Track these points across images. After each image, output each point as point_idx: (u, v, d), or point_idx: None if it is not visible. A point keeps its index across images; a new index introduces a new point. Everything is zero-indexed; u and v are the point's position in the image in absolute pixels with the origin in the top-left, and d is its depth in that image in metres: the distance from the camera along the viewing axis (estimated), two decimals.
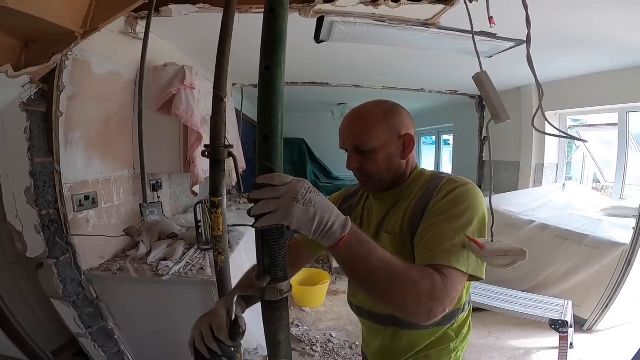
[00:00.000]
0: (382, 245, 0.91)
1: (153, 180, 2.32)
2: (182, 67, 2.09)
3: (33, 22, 1.21)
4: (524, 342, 2.68)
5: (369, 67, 3.34)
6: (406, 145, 0.93)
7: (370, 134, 0.90)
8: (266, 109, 0.70)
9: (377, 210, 1.01)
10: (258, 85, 0.70)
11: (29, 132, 1.41)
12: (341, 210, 1.09)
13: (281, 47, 0.69)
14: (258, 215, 0.64)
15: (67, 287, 1.60)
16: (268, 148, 0.70)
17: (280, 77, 0.70)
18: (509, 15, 1.29)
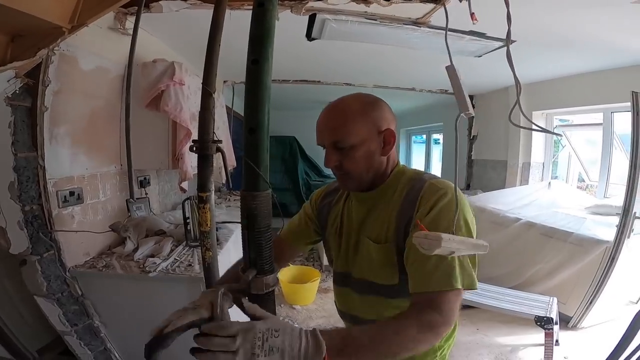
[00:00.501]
0: (367, 251, 0.92)
1: (141, 176, 2.30)
2: (172, 63, 2.07)
3: (20, 17, 1.19)
4: (511, 339, 2.72)
5: (361, 65, 3.35)
6: (387, 141, 0.89)
7: (349, 130, 0.85)
8: (253, 102, 0.70)
9: (357, 211, 0.98)
10: (245, 79, 0.71)
11: (13, 126, 1.39)
12: (321, 207, 1.10)
13: (269, 41, 0.70)
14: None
15: (52, 284, 1.57)
16: (254, 140, 0.71)
17: (267, 71, 0.70)
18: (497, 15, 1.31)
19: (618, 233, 2.54)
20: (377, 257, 0.90)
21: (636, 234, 2.57)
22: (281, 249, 1.12)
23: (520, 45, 2.28)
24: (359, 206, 0.98)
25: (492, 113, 4.27)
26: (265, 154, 0.72)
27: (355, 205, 0.99)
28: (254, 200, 0.71)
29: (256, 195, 0.71)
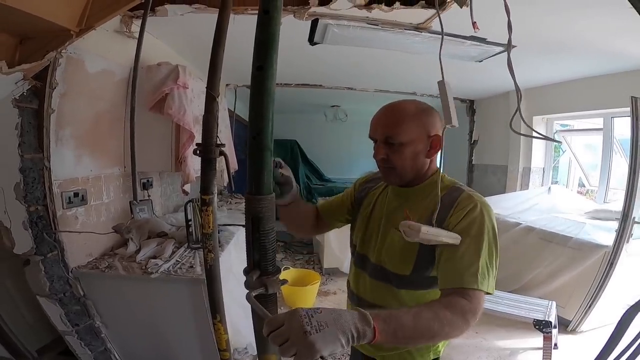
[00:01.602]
0: (391, 240, 0.99)
1: (144, 178, 2.32)
2: (176, 66, 2.10)
3: (29, 20, 1.21)
4: (510, 343, 2.72)
5: (362, 70, 3.37)
6: (433, 145, 0.97)
7: (403, 128, 0.93)
8: (257, 107, 0.72)
9: (391, 202, 1.06)
10: (250, 85, 0.72)
11: (20, 128, 1.41)
12: (362, 189, 1.19)
13: (273, 48, 0.72)
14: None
15: (54, 284, 1.59)
16: (258, 145, 0.73)
17: (271, 77, 0.72)
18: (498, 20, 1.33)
19: (617, 238, 2.55)
20: (399, 248, 0.97)
21: (635, 239, 2.58)
22: (318, 219, 1.25)
23: (520, 50, 2.30)
24: (394, 199, 1.06)
25: (493, 118, 4.29)
26: (270, 158, 0.74)
27: (391, 197, 1.07)
28: (259, 203, 0.73)
29: (261, 198, 0.73)
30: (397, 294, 0.99)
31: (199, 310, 1.74)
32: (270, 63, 0.72)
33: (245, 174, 0.75)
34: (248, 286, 0.77)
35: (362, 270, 1.10)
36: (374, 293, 1.05)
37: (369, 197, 1.15)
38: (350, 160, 7.27)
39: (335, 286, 3.88)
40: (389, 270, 1.00)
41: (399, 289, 0.99)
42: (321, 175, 7.13)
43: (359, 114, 5.89)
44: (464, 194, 0.93)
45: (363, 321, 0.63)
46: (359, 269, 1.11)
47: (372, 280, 1.05)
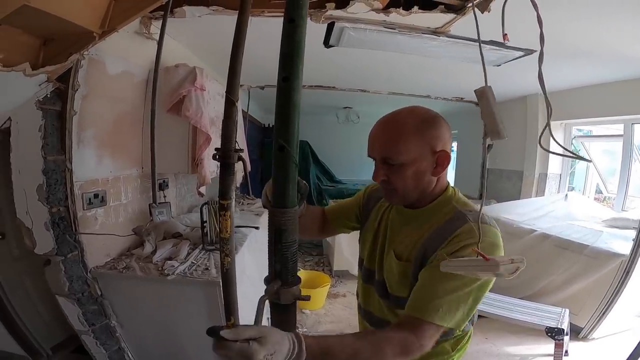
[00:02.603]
0: (389, 262, 0.95)
1: (160, 179, 2.33)
2: (194, 68, 2.11)
3: (53, 22, 1.22)
4: (520, 349, 2.71)
5: (376, 72, 3.35)
6: (440, 162, 0.87)
7: (401, 148, 0.83)
8: (283, 120, 0.72)
9: (394, 221, 1.00)
10: (276, 96, 0.72)
11: (44, 130, 1.43)
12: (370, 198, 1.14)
13: (299, 58, 0.71)
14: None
15: (73, 284, 1.61)
16: (283, 158, 0.73)
17: (297, 89, 0.71)
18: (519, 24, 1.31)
19: (634, 246, 2.51)
20: (395, 271, 0.93)
21: None
22: (325, 220, 1.19)
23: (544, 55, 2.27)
24: (398, 217, 0.99)
25: (509, 122, 4.18)
26: (294, 171, 0.73)
27: (394, 215, 1.01)
28: (282, 216, 0.73)
29: (285, 211, 0.74)
30: (399, 314, 0.92)
31: (213, 312, 1.75)
32: (296, 74, 0.71)
33: (257, 175, 0.75)
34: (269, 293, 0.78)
35: (369, 285, 1.05)
36: (381, 308, 1.01)
37: (377, 210, 1.08)
38: (362, 162, 7.21)
39: (344, 289, 3.88)
40: (389, 291, 0.96)
41: (397, 308, 0.94)
42: (332, 176, 7.12)
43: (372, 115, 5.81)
44: (466, 226, 0.82)
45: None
46: (367, 284, 1.06)
47: (378, 296, 1.01)
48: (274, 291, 0.76)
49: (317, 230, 1.21)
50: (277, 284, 0.77)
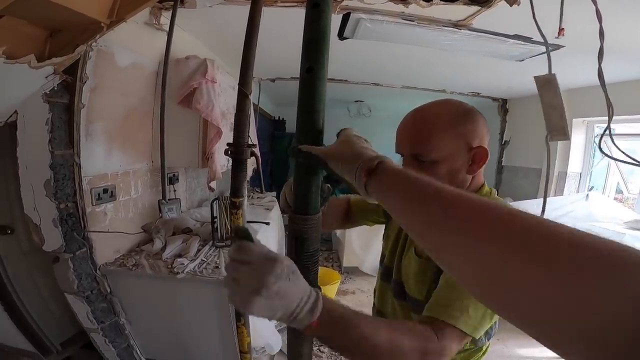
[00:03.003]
0: (408, 260, 0.88)
1: (170, 173, 2.30)
2: (204, 60, 2.05)
3: (59, 11, 1.18)
4: (532, 351, 2.66)
5: (390, 65, 3.26)
6: (476, 159, 0.79)
7: (434, 144, 0.76)
8: (307, 116, 0.65)
9: None
10: (299, 88, 0.65)
11: (51, 123, 1.39)
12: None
13: (324, 47, 0.63)
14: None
15: (82, 282, 1.58)
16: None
17: (322, 79, 0.64)
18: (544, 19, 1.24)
19: None
20: (414, 269, 0.86)
21: None
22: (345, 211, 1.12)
23: (562, 50, 2.17)
24: None
25: (528, 118, 4.10)
26: (320, 176, 0.66)
27: None
28: (304, 224, 0.66)
29: (307, 218, 0.66)
30: (413, 317, 0.87)
31: (223, 311, 1.71)
32: (321, 64, 0.63)
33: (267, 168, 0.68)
34: None
35: (386, 283, 0.99)
36: (394, 311, 0.95)
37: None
38: None
39: (354, 285, 3.83)
40: (406, 291, 0.89)
41: (414, 312, 0.87)
42: None
43: (384, 109, 5.77)
44: None
45: (308, 312, 0.54)
46: (384, 282, 1.00)
47: (394, 297, 0.94)
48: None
49: (340, 221, 1.14)
50: None
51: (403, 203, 0.45)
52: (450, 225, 0.37)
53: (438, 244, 0.39)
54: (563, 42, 2.04)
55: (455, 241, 0.36)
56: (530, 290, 0.29)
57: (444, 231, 0.38)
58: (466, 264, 0.35)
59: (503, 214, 0.33)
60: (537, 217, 0.32)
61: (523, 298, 0.29)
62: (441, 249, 0.39)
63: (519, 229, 0.31)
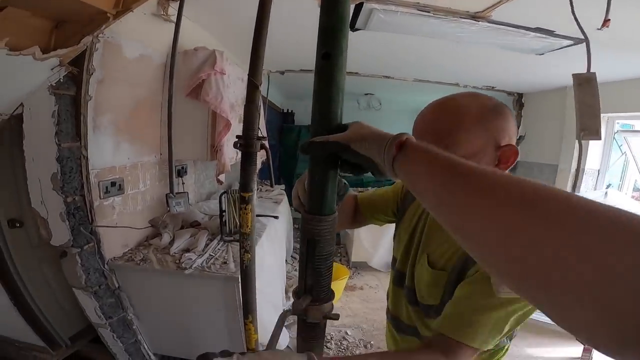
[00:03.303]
0: (420, 267, 0.85)
1: (178, 165, 2.28)
2: (213, 51, 2.01)
3: (64, 2, 1.15)
4: (542, 351, 2.62)
5: (402, 57, 3.18)
6: (504, 159, 0.72)
7: (462, 137, 0.69)
8: (323, 105, 0.59)
9: (432, 223, 0.88)
10: (315, 77, 0.59)
11: (57, 116, 1.36)
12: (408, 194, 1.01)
13: (343, 31, 0.57)
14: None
15: (90, 276, 1.57)
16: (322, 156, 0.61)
17: (341, 67, 0.58)
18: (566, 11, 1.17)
19: None
20: (426, 278, 0.82)
21: None
22: (353, 210, 1.08)
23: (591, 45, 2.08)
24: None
25: (545, 113, 4.00)
26: (337, 172, 0.62)
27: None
28: (318, 224, 0.62)
29: (321, 219, 0.62)
30: (427, 323, 0.85)
31: (230, 308, 1.70)
32: (339, 50, 0.57)
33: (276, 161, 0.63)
34: (295, 310, 0.68)
35: (399, 288, 0.96)
36: (409, 315, 0.91)
37: (415, 206, 0.96)
38: None
39: (362, 281, 3.81)
40: (418, 299, 0.86)
41: (427, 318, 0.84)
42: None
43: (394, 102, 5.68)
44: None
45: None
46: (397, 287, 0.97)
47: (408, 303, 0.91)
48: (302, 308, 0.67)
49: (349, 221, 1.10)
50: (307, 301, 0.67)
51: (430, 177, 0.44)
52: (478, 192, 0.36)
53: (465, 214, 0.37)
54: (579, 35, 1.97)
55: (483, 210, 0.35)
56: (559, 263, 0.28)
57: (470, 197, 0.37)
58: (491, 232, 0.34)
59: (528, 183, 0.33)
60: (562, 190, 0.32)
61: (551, 271, 0.28)
62: (466, 220, 0.37)
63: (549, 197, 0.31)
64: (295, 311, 0.68)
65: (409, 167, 0.47)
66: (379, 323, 3.01)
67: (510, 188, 0.34)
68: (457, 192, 0.38)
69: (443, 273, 0.78)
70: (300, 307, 0.67)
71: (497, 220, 0.33)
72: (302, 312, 0.67)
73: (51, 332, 1.80)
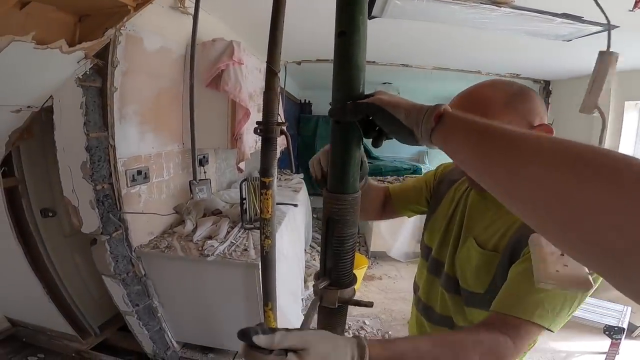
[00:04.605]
0: (467, 251, 0.83)
1: (200, 155, 2.33)
2: (231, 42, 2.03)
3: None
4: (566, 345, 2.56)
5: (420, 45, 3.11)
6: None
7: (488, 115, 0.68)
8: (341, 83, 0.58)
9: (475, 205, 0.86)
10: (333, 57, 0.59)
11: (85, 107, 1.41)
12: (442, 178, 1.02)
13: (359, 7, 0.57)
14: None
15: (119, 264, 1.63)
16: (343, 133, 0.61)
17: (357, 45, 0.56)
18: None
19: None
20: (475, 261, 0.80)
21: None
22: (385, 200, 1.07)
23: (622, 31, 1.98)
24: (480, 202, 0.85)
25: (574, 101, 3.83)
26: (358, 148, 0.61)
27: (475, 199, 0.87)
28: (336, 203, 0.61)
29: (340, 197, 0.61)
30: (467, 312, 0.82)
31: (250, 295, 1.73)
32: (355, 26, 0.56)
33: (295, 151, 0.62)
34: (315, 292, 0.67)
35: (435, 277, 0.93)
36: (444, 304, 0.89)
37: (452, 193, 0.95)
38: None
39: (380, 271, 3.79)
40: (460, 285, 0.83)
41: (467, 306, 0.82)
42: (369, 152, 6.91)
43: (412, 91, 5.57)
44: None
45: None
46: (432, 275, 0.95)
47: (444, 290, 0.89)
48: (319, 290, 0.66)
49: (377, 211, 1.09)
50: (324, 283, 0.65)
51: (468, 143, 0.43)
52: (519, 155, 0.36)
53: (505, 174, 0.37)
54: (619, 22, 1.86)
55: (525, 170, 0.34)
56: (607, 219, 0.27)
57: (513, 161, 0.36)
58: (540, 194, 0.33)
59: (571, 143, 0.33)
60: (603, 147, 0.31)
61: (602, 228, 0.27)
62: (509, 180, 0.37)
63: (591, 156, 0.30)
64: (315, 293, 0.66)
65: (448, 137, 0.47)
66: (397, 313, 3.01)
67: (556, 149, 0.33)
68: (499, 157, 0.38)
69: (495, 254, 0.76)
70: (316, 289, 0.65)
71: (546, 185, 0.32)
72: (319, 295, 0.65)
73: (82, 321, 1.88)
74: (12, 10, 1.06)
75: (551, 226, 0.33)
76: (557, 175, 0.31)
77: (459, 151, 0.45)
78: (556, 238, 0.33)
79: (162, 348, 1.94)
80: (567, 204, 0.30)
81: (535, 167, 0.34)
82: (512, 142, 0.37)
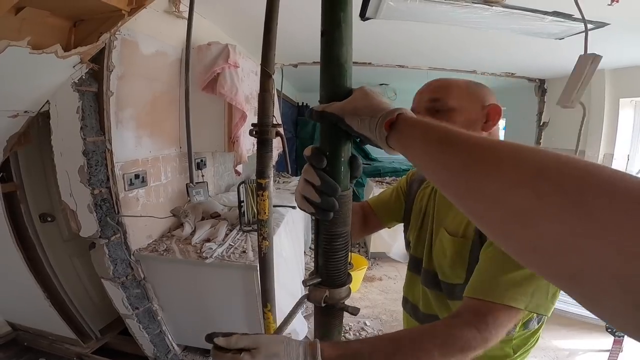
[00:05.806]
0: (440, 243, 0.85)
1: (197, 158, 2.34)
2: (226, 45, 2.04)
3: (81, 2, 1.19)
4: (569, 343, 2.55)
5: (415, 46, 3.12)
6: (491, 115, 0.82)
7: (452, 91, 0.81)
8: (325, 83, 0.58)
9: (441, 200, 0.90)
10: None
11: (81, 111, 1.42)
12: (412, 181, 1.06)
13: (339, 6, 0.57)
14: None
15: (117, 267, 1.64)
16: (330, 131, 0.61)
17: (339, 42, 0.56)
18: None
19: None
20: (449, 252, 0.81)
21: None
22: (365, 216, 1.10)
23: (613, 29, 2.00)
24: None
25: None
26: (349, 146, 0.61)
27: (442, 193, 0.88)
28: None
29: None
30: (451, 306, 0.83)
31: (250, 296, 1.74)
32: (335, 24, 0.56)
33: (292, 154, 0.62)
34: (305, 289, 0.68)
35: (415, 275, 0.95)
36: (427, 302, 0.90)
37: (422, 191, 0.99)
38: None
39: (380, 272, 3.79)
40: (440, 278, 0.84)
41: (451, 299, 0.82)
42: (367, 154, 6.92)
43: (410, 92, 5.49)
44: None
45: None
46: (413, 273, 0.97)
47: (425, 287, 0.90)
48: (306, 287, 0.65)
49: (359, 228, 1.09)
50: (314, 281, 0.64)
51: (426, 151, 0.42)
52: (477, 169, 0.34)
53: (464, 189, 0.36)
54: (609, 19, 1.87)
55: (482, 185, 0.33)
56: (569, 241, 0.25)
57: (471, 175, 0.35)
58: (496, 206, 0.31)
59: (532, 153, 0.30)
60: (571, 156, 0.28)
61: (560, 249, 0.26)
62: (467, 195, 0.35)
63: (553, 170, 0.28)
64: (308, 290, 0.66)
65: (406, 144, 0.46)
66: (397, 314, 3.00)
67: (516, 162, 0.30)
68: (459, 170, 0.36)
69: (465, 240, 0.78)
70: (304, 284, 0.65)
71: (505, 204, 0.30)
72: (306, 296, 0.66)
73: (82, 325, 1.88)
74: (7, 15, 1.07)
75: (512, 247, 0.31)
76: (516, 192, 0.29)
77: (419, 159, 0.45)
78: (518, 258, 0.31)
79: (163, 351, 1.93)
80: (527, 226, 0.28)
81: (493, 183, 0.32)
82: (471, 154, 0.35)
